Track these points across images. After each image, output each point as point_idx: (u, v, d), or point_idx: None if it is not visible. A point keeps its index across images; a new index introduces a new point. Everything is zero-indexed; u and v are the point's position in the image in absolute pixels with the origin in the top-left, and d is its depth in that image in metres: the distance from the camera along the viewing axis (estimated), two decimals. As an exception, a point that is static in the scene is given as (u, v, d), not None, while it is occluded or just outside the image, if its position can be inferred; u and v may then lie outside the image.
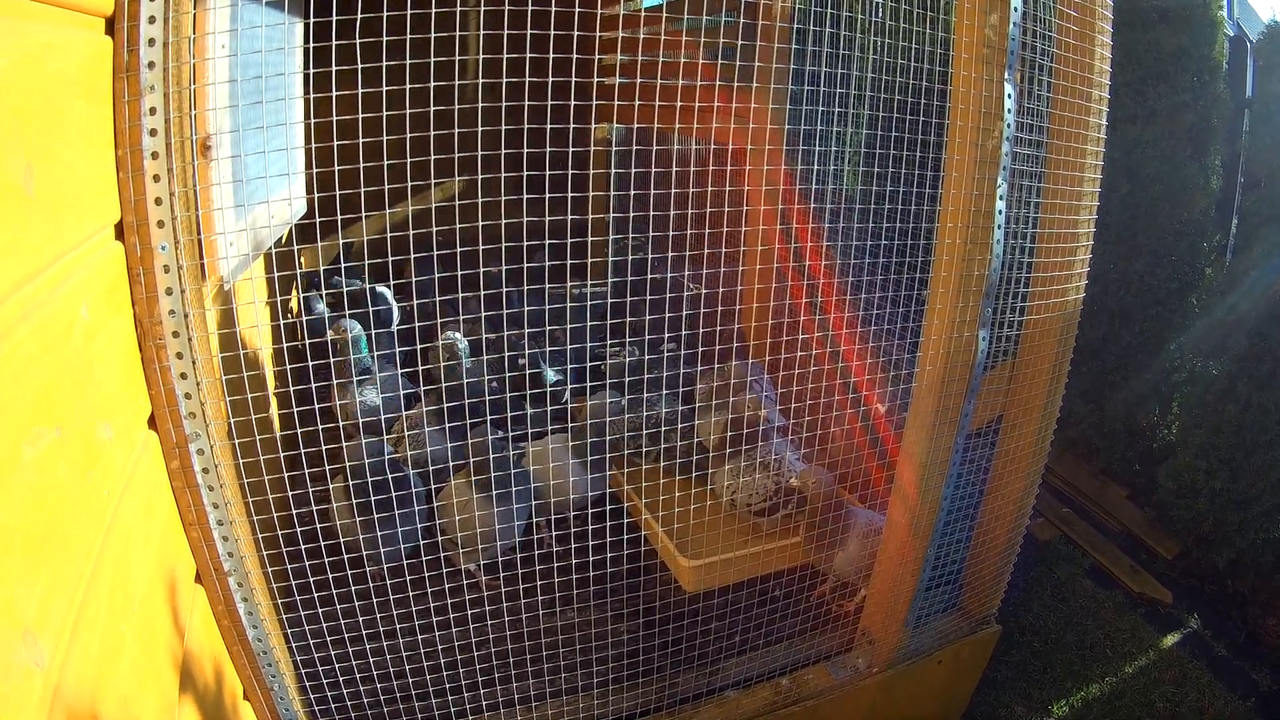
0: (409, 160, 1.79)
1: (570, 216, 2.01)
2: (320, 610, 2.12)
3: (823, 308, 3.62)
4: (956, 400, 2.47)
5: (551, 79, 1.85)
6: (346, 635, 2.26)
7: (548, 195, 1.96)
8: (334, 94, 1.72)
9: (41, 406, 1.18)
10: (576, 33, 1.98)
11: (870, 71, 2.61)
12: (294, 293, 4.46)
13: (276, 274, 3.26)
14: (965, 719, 3.58)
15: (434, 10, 1.69)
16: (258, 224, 2.73)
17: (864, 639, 2.96)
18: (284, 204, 3.19)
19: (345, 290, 4.61)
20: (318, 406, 1.99)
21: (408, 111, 1.75)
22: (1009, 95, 2.24)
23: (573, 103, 2.01)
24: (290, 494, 1.99)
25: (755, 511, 3.21)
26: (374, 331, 3.42)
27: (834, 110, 2.49)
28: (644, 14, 4.86)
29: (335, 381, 3.56)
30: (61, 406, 1.25)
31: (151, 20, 1.52)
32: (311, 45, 2.07)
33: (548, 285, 2.25)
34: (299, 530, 2.02)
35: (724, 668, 2.83)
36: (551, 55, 1.85)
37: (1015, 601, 4.29)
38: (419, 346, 2.55)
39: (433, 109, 1.77)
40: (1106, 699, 3.85)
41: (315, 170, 1.91)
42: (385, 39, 1.69)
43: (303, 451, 1.95)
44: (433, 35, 1.73)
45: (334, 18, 1.72)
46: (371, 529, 2.67)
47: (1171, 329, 5.10)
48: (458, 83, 1.81)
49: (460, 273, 2.09)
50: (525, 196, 2.02)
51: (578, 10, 2.01)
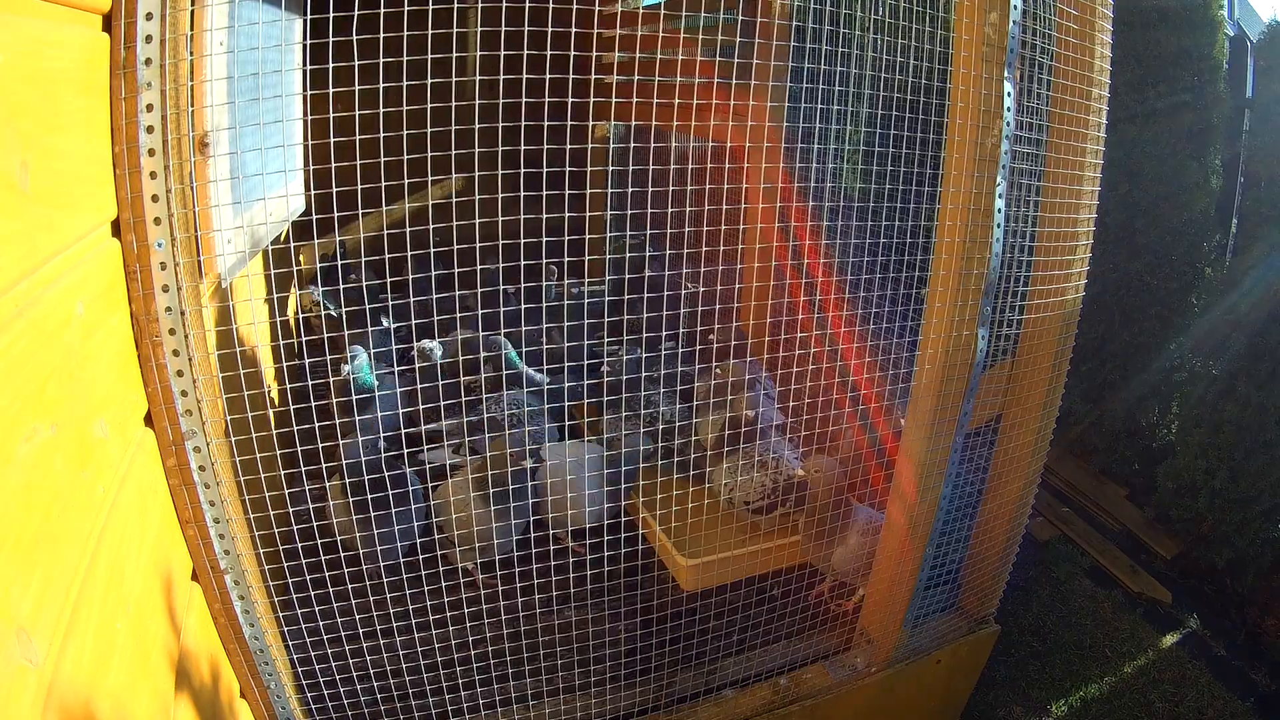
0: (405, 158, 1.78)
1: (569, 214, 2.01)
2: (317, 609, 2.11)
3: (822, 306, 3.61)
4: (955, 399, 2.46)
5: (549, 76, 1.85)
6: (344, 634, 2.25)
7: (545, 193, 1.95)
8: (331, 90, 1.72)
9: (36, 403, 1.17)
10: (574, 29, 1.97)
11: (870, 70, 2.60)
12: (292, 291, 4.45)
13: (274, 271, 3.25)
14: (964, 718, 3.57)
15: (431, 6, 1.68)
16: (255, 221, 2.73)
17: (863, 638, 2.96)
18: (281, 201, 3.18)
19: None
20: (315, 404, 1.99)
21: (404, 108, 1.74)
22: (1008, 93, 2.23)
23: (570, 100, 2.00)
24: (287, 492, 1.98)
25: (753, 509, 3.20)
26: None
27: (833, 108, 2.48)
28: (643, 12, 4.84)
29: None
30: (57, 403, 1.24)
31: (149, 17, 1.51)
32: (309, 42, 2.06)
33: (543, 283, 2.24)
34: (295, 528, 2.01)
35: (722, 667, 2.83)
36: (549, 52, 1.84)
37: (1014, 601, 4.29)
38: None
39: (429, 106, 1.76)
40: (1105, 699, 3.85)
41: (313, 167, 1.90)
42: (383, 35, 1.69)
43: (299, 449, 1.94)
44: (429, 32, 1.73)
45: (331, 14, 1.72)
46: (367, 528, 2.66)
47: (1171, 329, 5.10)
48: (454, 79, 1.80)
49: (457, 270, 2.09)
50: (523, 194, 2.01)
51: (575, 7, 2.01)
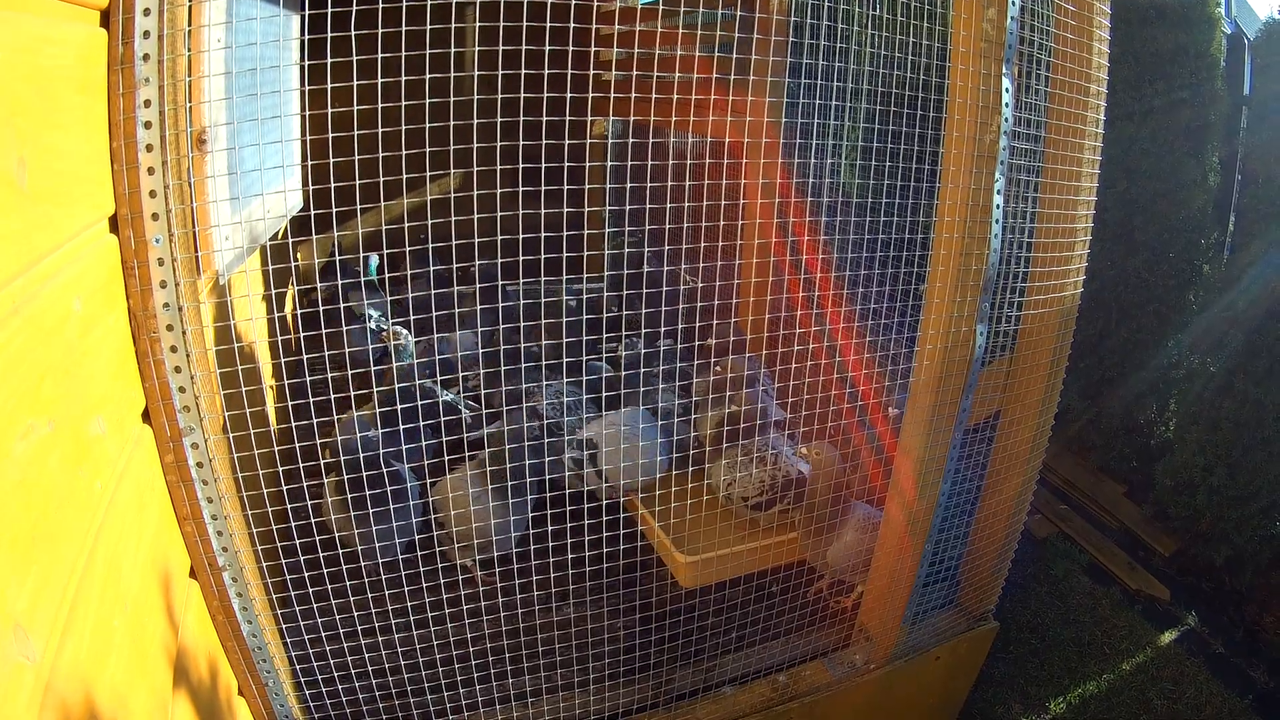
0: (403, 154, 1.78)
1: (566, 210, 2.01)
2: (315, 606, 2.11)
3: (820, 302, 3.61)
4: (954, 396, 2.46)
5: (547, 72, 1.85)
6: (342, 631, 2.25)
7: (543, 188, 1.95)
8: (329, 86, 1.72)
9: (33, 400, 1.17)
10: (573, 25, 1.96)
11: (868, 65, 2.60)
12: (290, 288, 4.45)
13: (272, 267, 3.25)
14: (963, 716, 3.57)
15: (429, 2, 1.68)
16: (254, 217, 2.72)
17: (861, 635, 2.96)
18: (279, 198, 3.17)
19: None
20: (314, 400, 1.98)
21: (403, 104, 1.74)
22: (1007, 89, 2.23)
23: (568, 95, 2.00)
24: (285, 488, 1.98)
25: (751, 505, 3.20)
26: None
27: (831, 104, 2.48)
28: (641, 8, 4.83)
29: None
30: (54, 400, 1.24)
31: (146, 13, 1.51)
32: (307, 38, 2.06)
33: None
34: (294, 525, 2.01)
35: (721, 664, 2.83)
36: (548, 47, 1.84)
37: (1013, 598, 4.29)
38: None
39: (428, 102, 1.76)
40: (1104, 696, 3.85)
41: (311, 164, 1.90)
42: (380, 32, 1.68)
43: (298, 446, 1.94)
44: (427, 27, 1.73)
45: (329, 9, 1.72)
46: (364, 525, 2.65)
47: (1169, 326, 5.10)
48: (453, 74, 1.80)
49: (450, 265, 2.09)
50: (521, 189, 2.01)
51: (574, 3, 2.01)
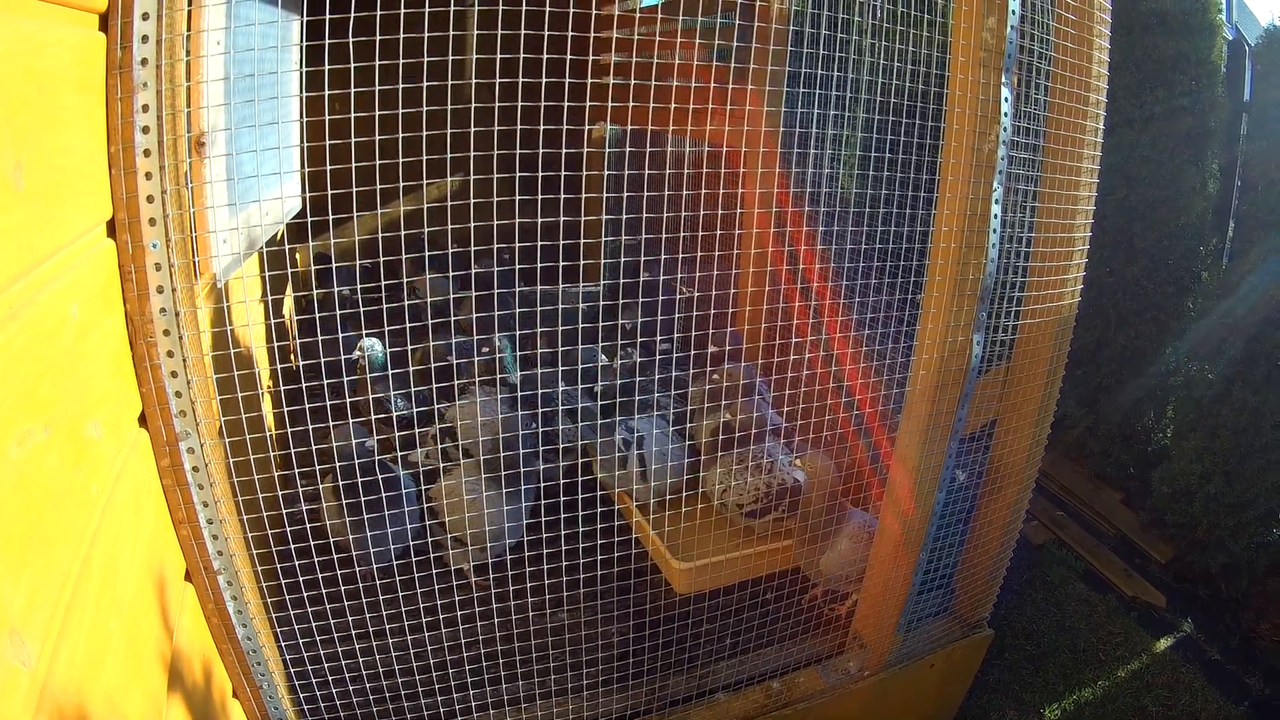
0: (400, 160, 1.78)
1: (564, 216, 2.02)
2: (310, 610, 2.12)
3: (818, 310, 3.62)
4: (950, 405, 2.47)
5: (545, 80, 1.86)
6: (336, 635, 2.26)
7: (541, 195, 1.96)
8: (326, 91, 1.73)
9: (29, 404, 1.18)
10: (572, 33, 1.97)
11: (867, 74, 2.61)
12: (287, 292, 4.46)
13: (269, 273, 3.25)
14: (957, 722, 3.58)
15: (428, 9, 1.69)
16: (251, 222, 2.73)
17: (856, 642, 2.97)
18: (277, 202, 3.18)
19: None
20: (310, 405, 1.99)
21: (399, 111, 1.75)
22: (1006, 99, 2.24)
23: (567, 103, 2.00)
24: (280, 493, 1.98)
25: (746, 513, 3.20)
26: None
27: (829, 113, 2.49)
28: (640, 14, 4.85)
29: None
30: (50, 404, 1.24)
31: (145, 17, 1.52)
32: (305, 43, 2.07)
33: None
34: (289, 530, 2.01)
35: (715, 670, 2.83)
36: (546, 56, 1.85)
37: (1008, 605, 4.30)
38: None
39: (425, 109, 1.77)
40: (1099, 702, 3.85)
41: (309, 169, 1.91)
42: (378, 37, 1.69)
43: (293, 451, 1.95)
44: (425, 35, 1.73)
45: (328, 15, 1.73)
46: (361, 529, 2.66)
47: (1168, 333, 5.11)
48: (450, 82, 1.80)
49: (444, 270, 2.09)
50: (519, 196, 2.01)
51: (572, 10, 2.01)
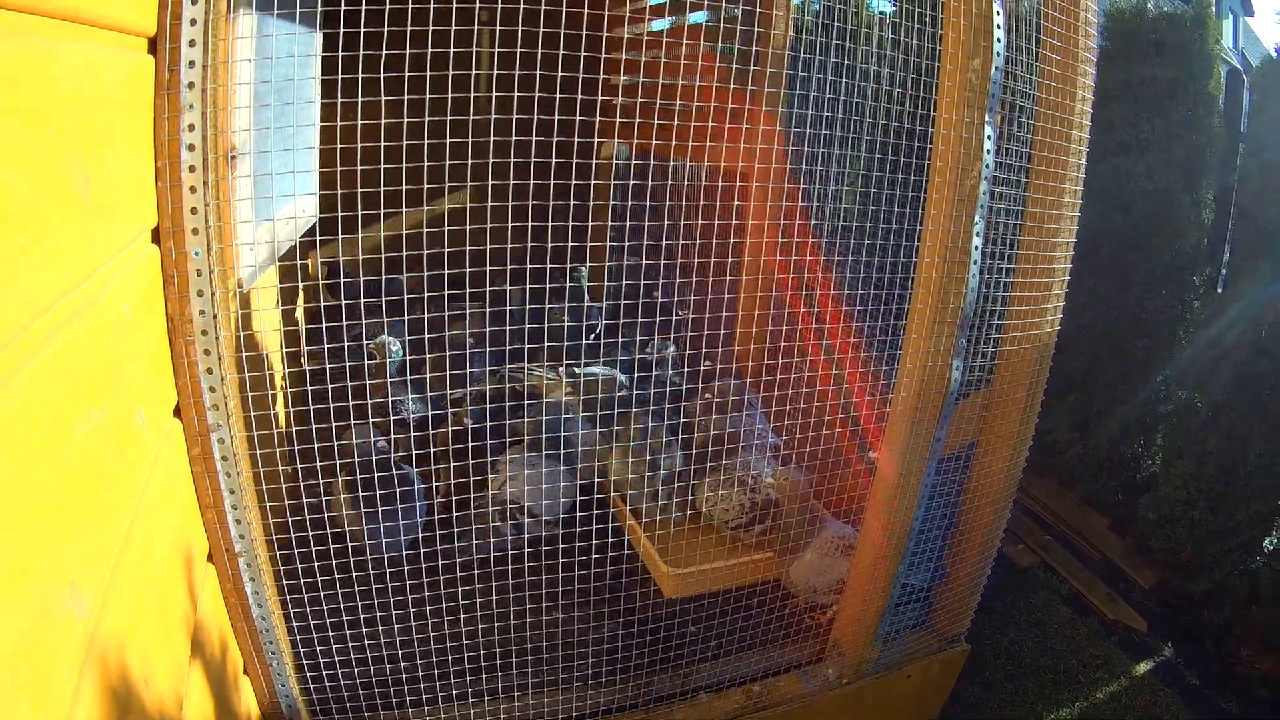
0: (404, 166, 1.92)
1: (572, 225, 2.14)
2: (322, 594, 2.25)
3: (819, 333, 3.71)
4: (929, 426, 2.59)
5: (559, 96, 2.00)
6: (345, 619, 2.39)
7: (551, 205, 2.09)
8: (339, 101, 1.86)
9: (90, 392, 1.33)
10: (584, 54, 2.10)
11: (856, 115, 2.74)
12: (299, 295, 4.59)
13: (281, 286, 3.38)
14: (935, 738, 3.68)
15: (453, 30, 1.83)
16: (276, 231, 2.87)
17: (835, 650, 3.08)
18: (298, 213, 3.33)
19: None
20: (333, 405, 2.14)
21: (405, 121, 1.89)
22: (989, 137, 2.37)
23: (578, 118, 2.14)
24: (303, 484, 2.12)
25: (732, 527, 3.30)
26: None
27: (819, 150, 2.62)
28: (647, 37, 4.98)
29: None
30: (105, 393, 1.40)
31: (192, 44, 1.67)
32: (322, 56, 2.20)
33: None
34: (308, 519, 2.15)
35: (699, 670, 2.95)
36: (559, 74, 1.99)
37: (991, 625, 4.40)
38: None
39: (426, 120, 1.91)
40: (1076, 722, 3.96)
41: (323, 183, 2.03)
42: (387, 52, 1.83)
43: (315, 447, 2.09)
44: (449, 52, 1.87)
45: (341, 30, 1.87)
46: (371, 521, 2.80)
47: (1159, 361, 5.21)
48: (456, 95, 1.94)
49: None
50: (529, 204, 2.14)
51: (585, 34, 2.14)
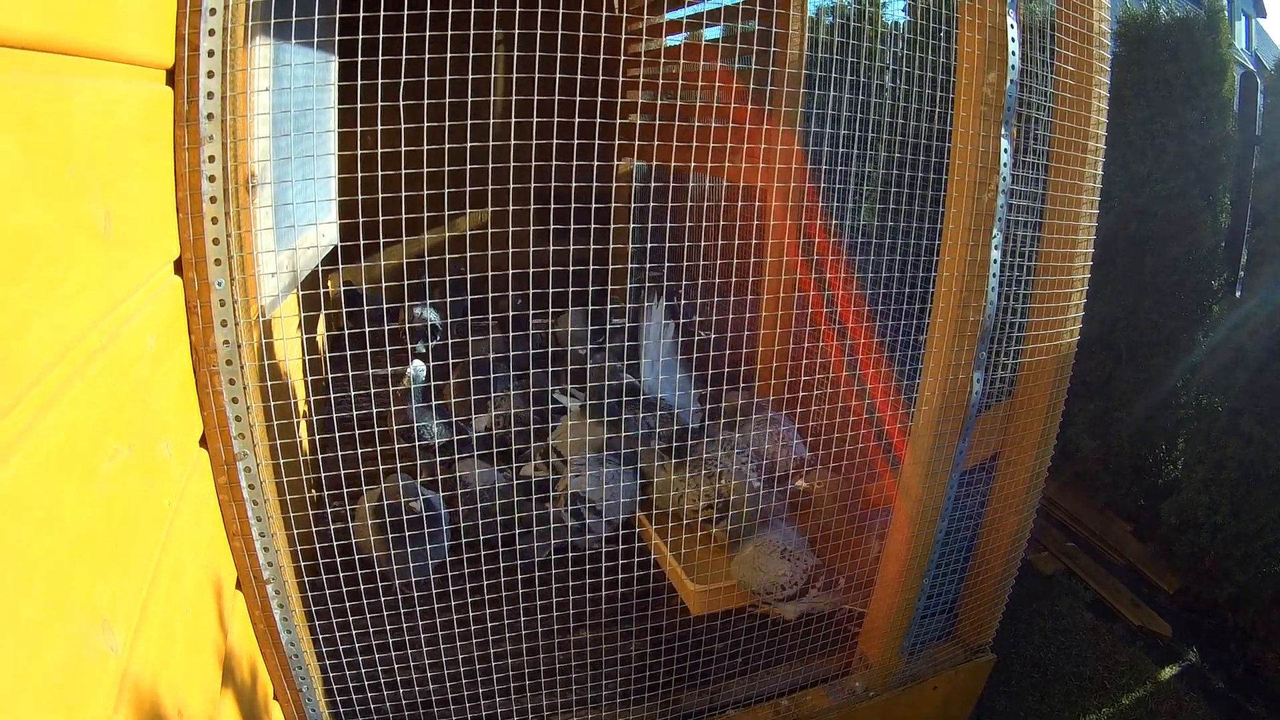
0: (423, 190, 1.94)
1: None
2: (351, 619, 2.26)
3: (843, 349, 3.71)
4: (952, 439, 2.59)
5: (578, 121, 2.01)
6: (374, 643, 2.40)
7: (573, 227, 2.11)
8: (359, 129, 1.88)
9: (116, 426, 1.34)
10: (602, 78, 2.11)
11: (873, 132, 2.74)
12: (320, 318, 4.62)
13: (304, 314, 3.41)
14: (962, 747, 3.66)
15: (472, 57, 1.84)
16: (297, 258, 2.89)
17: (861, 663, 3.07)
18: (316, 235, 3.35)
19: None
20: (359, 431, 2.15)
21: (425, 148, 1.91)
22: (1005, 149, 2.37)
23: (597, 142, 2.14)
24: (329, 511, 2.14)
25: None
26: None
27: (836, 169, 2.62)
28: (664, 51, 5.00)
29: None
30: (132, 426, 1.41)
31: (210, 75, 1.68)
32: (339, 83, 2.22)
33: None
34: (335, 544, 2.16)
35: (727, 687, 2.94)
36: (578, 98, 2.00)
37: (1016, 633, 4.38)
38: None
39: (445, 144, 1.92)
40: (1103, 729, 3.94)
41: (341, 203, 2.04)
42: (403, 78, 1.84)
43: (342, 473, 2.10)
44: (447, 78, 1.88)
45: (359, 59, 1.88)
46: (397, 548, 2.82)
47: (1178, 366, 5.18)
48: (469, 120, 1.95)
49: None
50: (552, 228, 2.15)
51: (603, 58, 2.15)
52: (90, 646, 1.18)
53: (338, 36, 2.08)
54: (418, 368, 3.87)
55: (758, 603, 3.19)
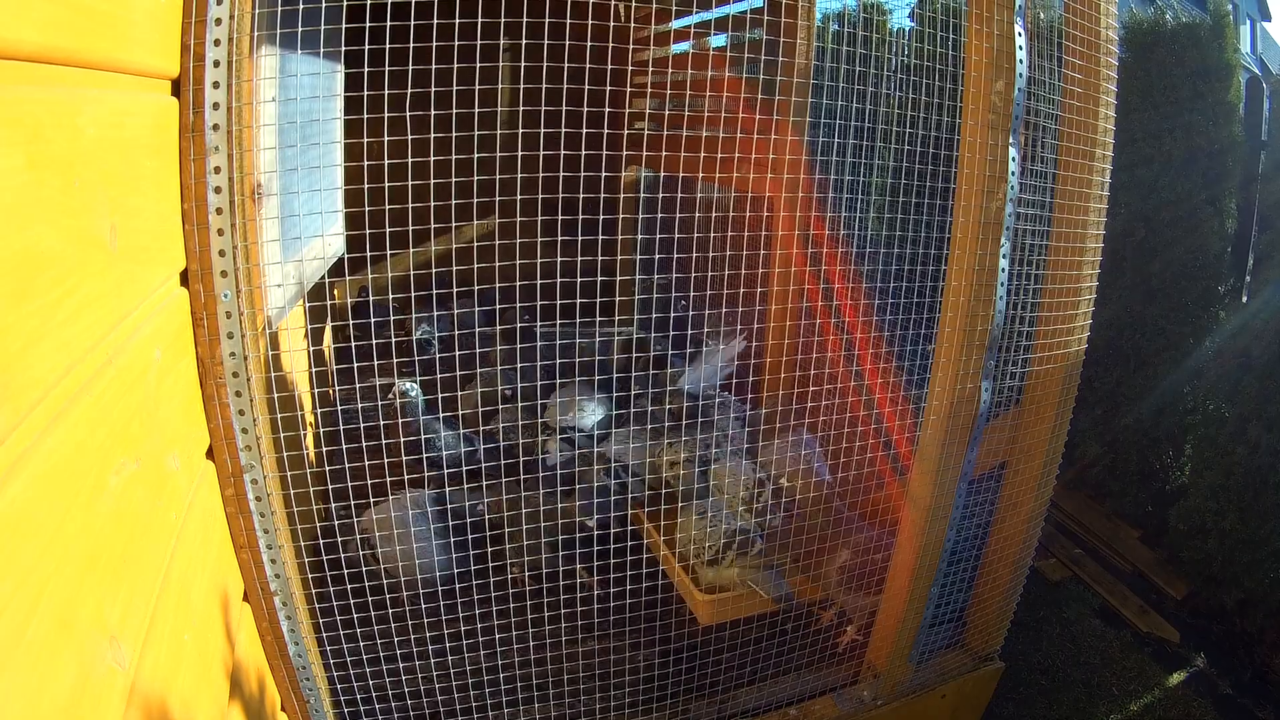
0: (432, 204, 1.93)
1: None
2: (359, 630, 2.26)
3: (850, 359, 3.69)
4: (960, 448, 2.58)
5: (586, 131, 2.00)
6: (382, 654, 2.39)
7: (580, 237, 2.10)
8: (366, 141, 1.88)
9: (123, 440, 1.33)
10: (610, 88, 2.11)
11: (881, 141, 2.73)
12: (326, 328, 4.61)
13: (311, 324, 3.40)
14: (970, 754, 3.65)
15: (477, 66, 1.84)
16: (303, 270, 2.89)
17: (869, 672, 3.06)
18: (323, 245, 3.34)
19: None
20: (366, 445, 2.14)
21: (432, 158, 1.90)
22: (1013, 159, 2.36)
23: (605, 152, 2.14)
24: (336, 523, 2.13)
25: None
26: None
27: (844, 179, 2.61)
28: (673, 59, 5.00)
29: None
30: (139, 440, 1.40)
31: (215, 86, 1.67)
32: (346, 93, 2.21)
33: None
34: (343, 556, 2.16)
35: (735, 696, 2.93)
36: (586, 109, 2.00)
37: (1024, 640, 4.37)
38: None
39: (452, 155, 1.92)
40: (1110, 736, 3.93)
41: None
42: (408, 89, 1.84)
43: (349, 485, 2.10)
44: (454, 89, 1.88)
45: (366, 69, 1.88)
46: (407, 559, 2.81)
47: (1185, 372, 5.17)
48: (480, 131, 1.95)
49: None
50: (560, 237, 2.15)
51: (610, 67, 2.15)
52: (98, 664, 1.17)
53: (344, 46, 2.08)
54: (409, 387, 3.82)
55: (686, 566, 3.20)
